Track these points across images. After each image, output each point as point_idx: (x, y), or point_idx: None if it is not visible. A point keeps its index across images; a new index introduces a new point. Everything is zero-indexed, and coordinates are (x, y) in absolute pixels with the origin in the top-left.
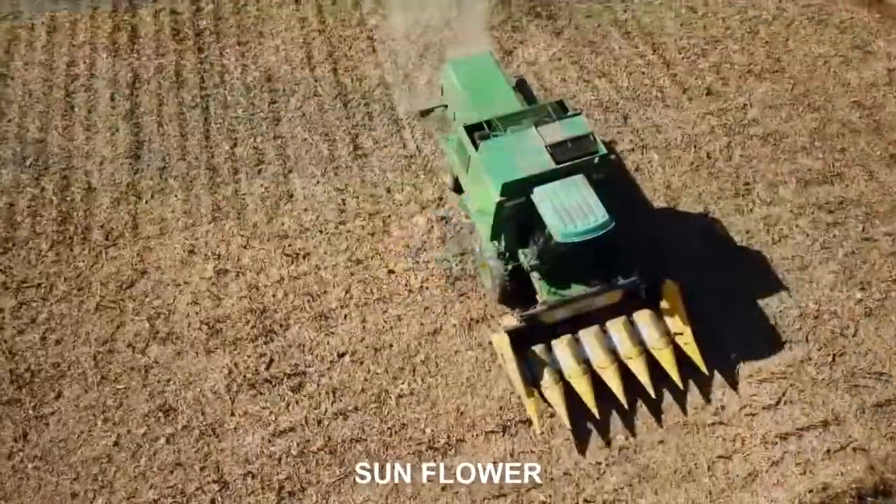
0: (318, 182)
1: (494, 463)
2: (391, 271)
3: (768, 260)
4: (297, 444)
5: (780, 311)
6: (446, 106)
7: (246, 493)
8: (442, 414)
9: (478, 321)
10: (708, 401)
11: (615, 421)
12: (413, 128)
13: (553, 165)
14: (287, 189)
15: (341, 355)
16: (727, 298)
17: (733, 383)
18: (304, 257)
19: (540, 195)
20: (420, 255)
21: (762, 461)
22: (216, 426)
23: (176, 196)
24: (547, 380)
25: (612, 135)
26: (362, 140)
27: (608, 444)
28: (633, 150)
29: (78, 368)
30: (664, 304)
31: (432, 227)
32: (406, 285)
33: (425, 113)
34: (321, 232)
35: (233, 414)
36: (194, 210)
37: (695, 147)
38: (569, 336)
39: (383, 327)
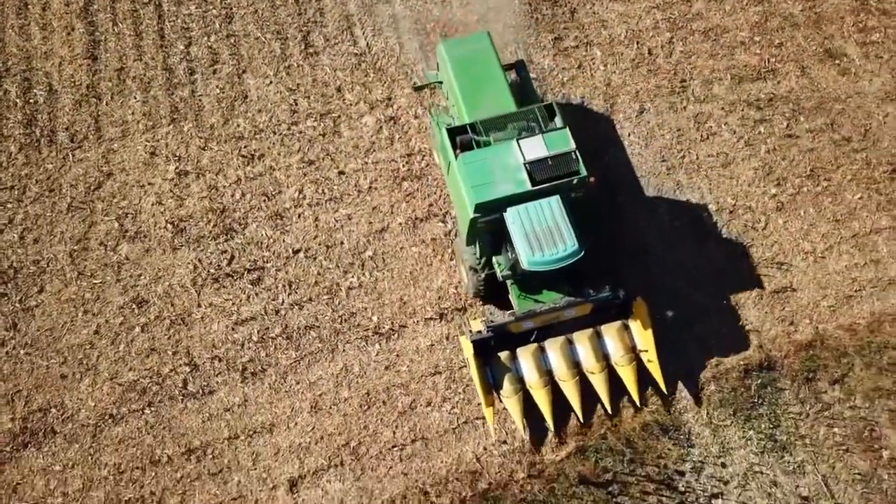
0: (270, 82)
1: (432, 345)
2: (342, 172)
3: (693, 157)
4: (258, 332)
5: (699, 206)
6: (440, 82)
7: (214, 374)
8: (387, 304)
9: (422, 220)
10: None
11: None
12: (364, 24)
13: (529, 186)
14: (241, 90)
15: (296, 252)
16: (648, 198)
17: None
18: (259, 158)
19: (512, 216)
20: (369, 157)
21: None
22: (185, 316)
23: (135, 97)
24: (507, 389)
25: (558, 31)
26: (314, 37)
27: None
28: (577, 46)
29: (56, 265)
30: (632, 321)
31: (381, 127)
32: (356, 186)
33: (419, 88)
34: (275, 133)
35: (199, 305)
36: (153, 112)
37: (637, 43)
38: (535, 345)
39: (334, 226)
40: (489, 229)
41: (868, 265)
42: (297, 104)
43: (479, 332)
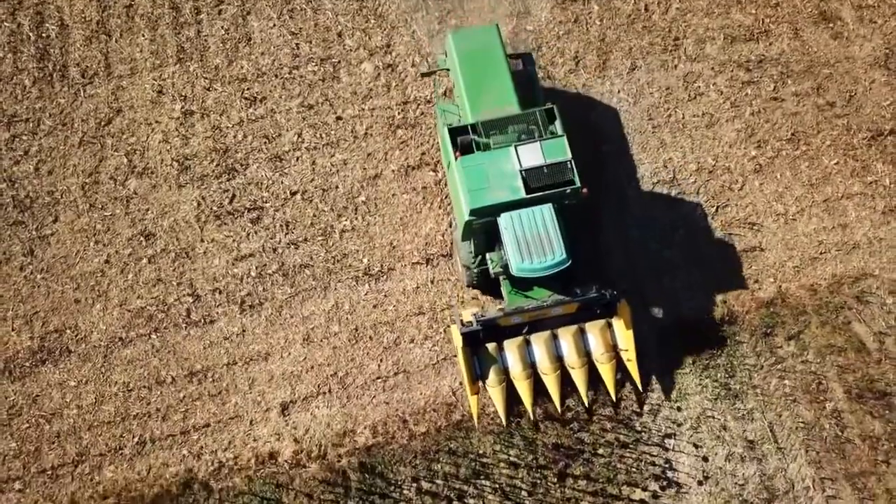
0: (274, 25)
1: (417, 287)
2: (339, 118)
3: (679, 116)
4: (256, 268)
5: (680, 166)
6: (448, 69)
7: (215, 305)
8: (377, 247)
9: (414, 168)
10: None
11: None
12: None
13: (523, 194)
14: (245, 31)
15: (293, 193)
16: (632, 154)
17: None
18: (260, 101)
19: (505, 222)
20: (366, 103)
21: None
22: (189, 250)
23: (143, 35)
24: (492, 379)
25: None
26: None
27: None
28: (575, 0)
29: (69, 196)
30: (616, 320)
31: (379, 74)
32: (352, 132)
33: (427, 74)
34: (276, 76)
35: (202, 240)
36: (161, 51)
37: None
38: (521, 338)
39: (330, 170)
40: (484, 229)
41: (836, 229)
42: (298, 48)
43: (470, 322)
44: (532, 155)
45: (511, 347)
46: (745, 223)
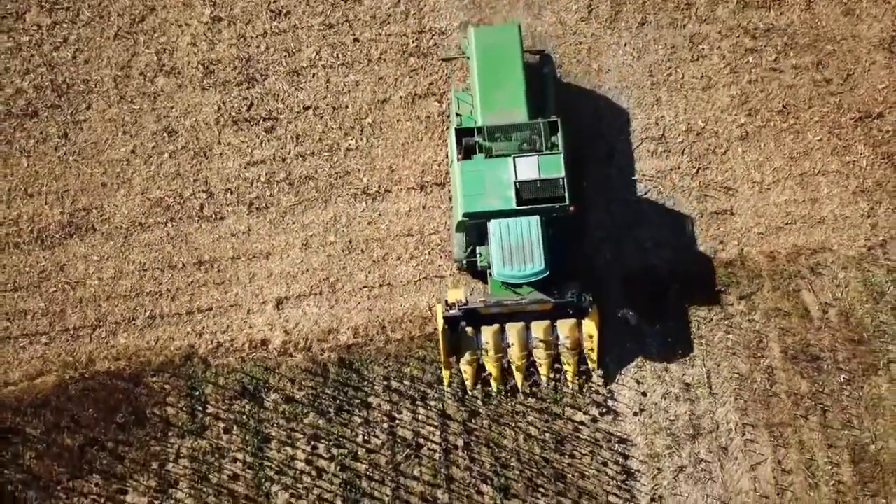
0: None
1: (410, 211)
2: (356, 40)
3: (679, 76)
4: (265, 174)
5: (671, 125)
6: (468, 57)
7: (226, 203)
8: (377, 168)
9: (421, 97)
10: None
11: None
12: None
13: (514, 205)
14: None
15: (306, 108)
16: (626, 109)
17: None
18: (285, 15)
19: (494, 228)
20: (384, 28)
21: None
22: (206, 150)
23: None
24: (466, 358)
25: None
26: None
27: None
28: None
29: (102, 87)
30: (586, 321)
31: (399, 0)
32: (367, 55)
33: (447, 59)
34: None
35: (219, 143)
36: None
37: None
38: (497, 325)
39: (342, 90)
40: (476, 227)
41: (806, 202)
42: None
43: (453, 305)
44: (528, 168)
45: (487, 333)
46: (721, 187)
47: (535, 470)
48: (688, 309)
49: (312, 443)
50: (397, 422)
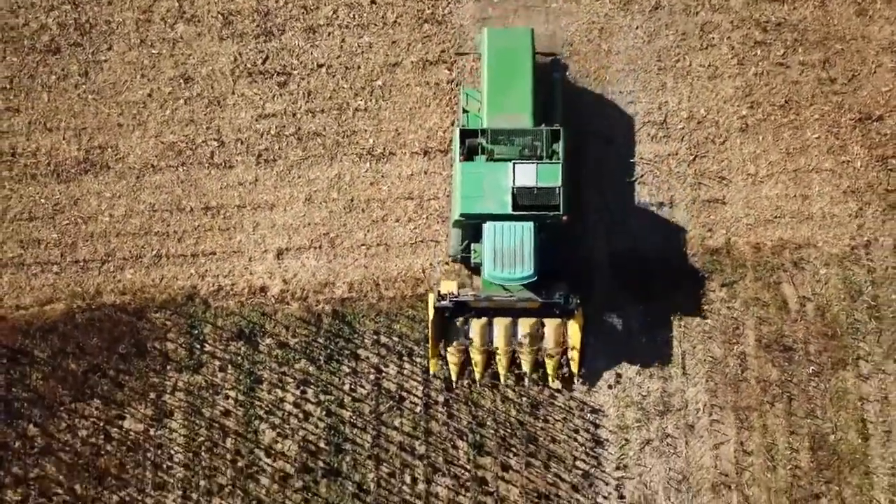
0: None
1: (412, 175)
2: (374, 1)
3: (687, 63)
4: (276, 128)
5: (674, 111)
6: (481, 55)
7: (236, 152)
8: (384, 131)
9: (432, 63)
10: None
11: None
12: None
13: (509, 210)
14: None
15: (320, 66)
16: (631, 91)
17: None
18: None
19: (489, 230)
20: None
21: None
22: (220, 99)
23: None
24: (453, 348)
25: None
26: None
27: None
28: None
29: (124, 29)
30: (571, 322)
31: None
32: (382, 17)
33: (461, 54)
34: None
35: (233, 93)
36: None
37: None
38: (485, 319)
39: (356, 50)
40: (472, 225)
41: (796, 198)
42: None
43: (445, 296)
44: (526, 175)
45: (475, 326)
46: (716, 176)
47: (509, 430)
48: (670, 291)
49: (301, 387)
50: (383, 374)
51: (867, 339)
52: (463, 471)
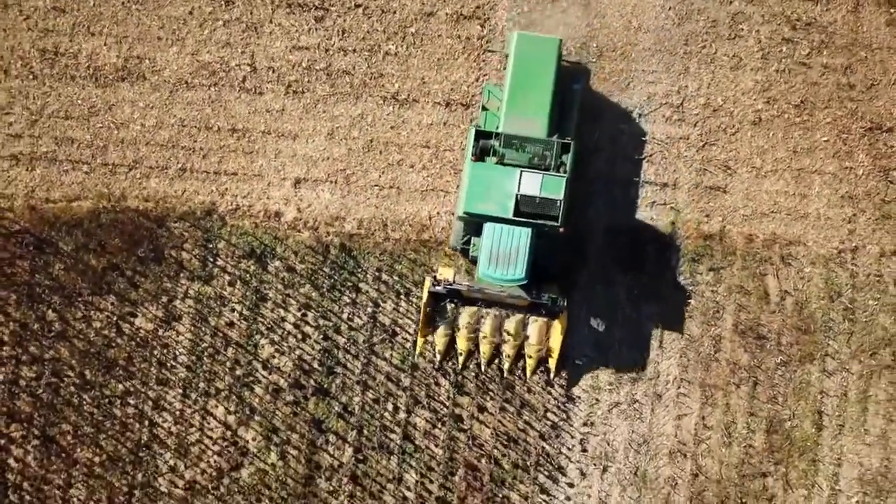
0: None
1: (431, 124)
2: None
3: (712, 51)
4: (307, 61)
5: (692, 96)
6: (507, 56)
7: (266, 80)
8: (410, 77)
9: (466, 18)
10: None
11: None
12: None
13: (510, 215)
14: None
15: (357, 6)
16: (653, 72)
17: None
18: None
19: (488, 231)
20: None
21: None
22: (258, 26)
23: None
24: (441, 331)
25: None
26: None
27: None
28: None
29: None
30: (555, 325)
31: None
32: None
33: (491, 51)
34: None
35: (271, 21)
36: None
37: None
38: (476, 307)
39: None
40: (472, 223)
41: (795, 196)
42: None
43: (440, 282)
44: (531, 184)
45: (466, 313)
46: (722, 164)
47: (488, 375)
48: (659, 268)
49: (303, 310)
50: (380, 309)
51: (838, 339)
52: (442, 406)
